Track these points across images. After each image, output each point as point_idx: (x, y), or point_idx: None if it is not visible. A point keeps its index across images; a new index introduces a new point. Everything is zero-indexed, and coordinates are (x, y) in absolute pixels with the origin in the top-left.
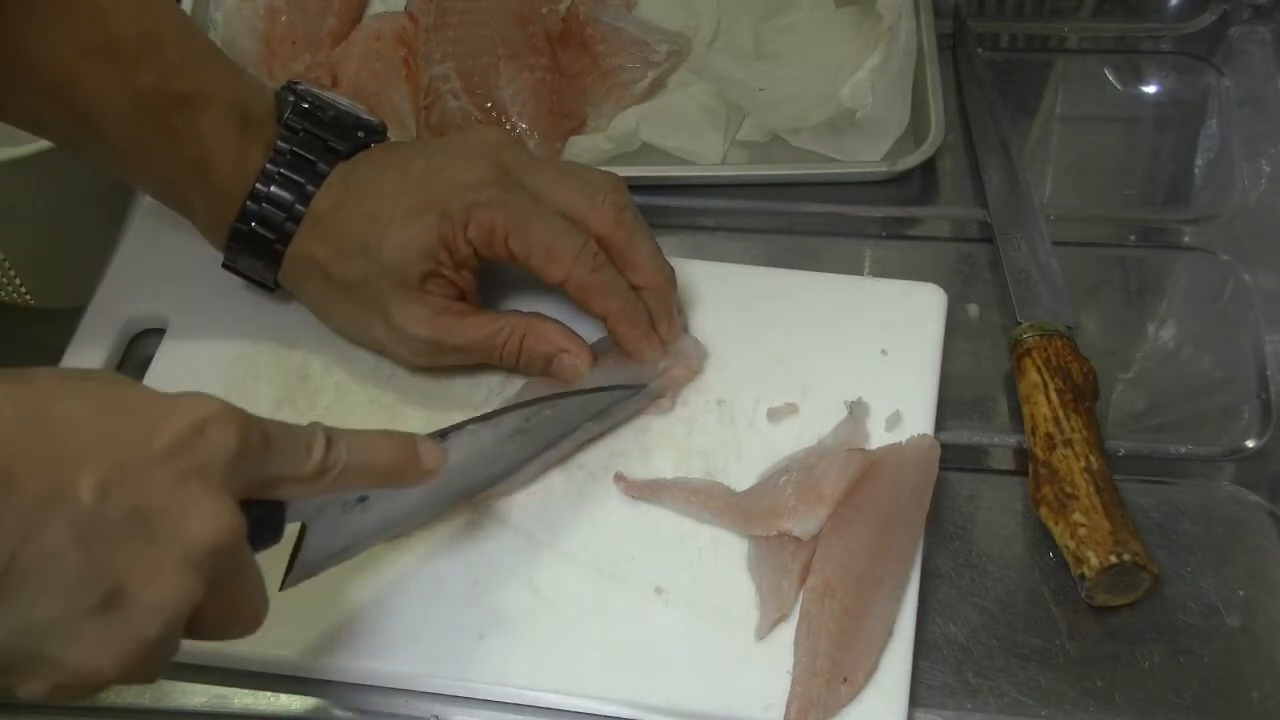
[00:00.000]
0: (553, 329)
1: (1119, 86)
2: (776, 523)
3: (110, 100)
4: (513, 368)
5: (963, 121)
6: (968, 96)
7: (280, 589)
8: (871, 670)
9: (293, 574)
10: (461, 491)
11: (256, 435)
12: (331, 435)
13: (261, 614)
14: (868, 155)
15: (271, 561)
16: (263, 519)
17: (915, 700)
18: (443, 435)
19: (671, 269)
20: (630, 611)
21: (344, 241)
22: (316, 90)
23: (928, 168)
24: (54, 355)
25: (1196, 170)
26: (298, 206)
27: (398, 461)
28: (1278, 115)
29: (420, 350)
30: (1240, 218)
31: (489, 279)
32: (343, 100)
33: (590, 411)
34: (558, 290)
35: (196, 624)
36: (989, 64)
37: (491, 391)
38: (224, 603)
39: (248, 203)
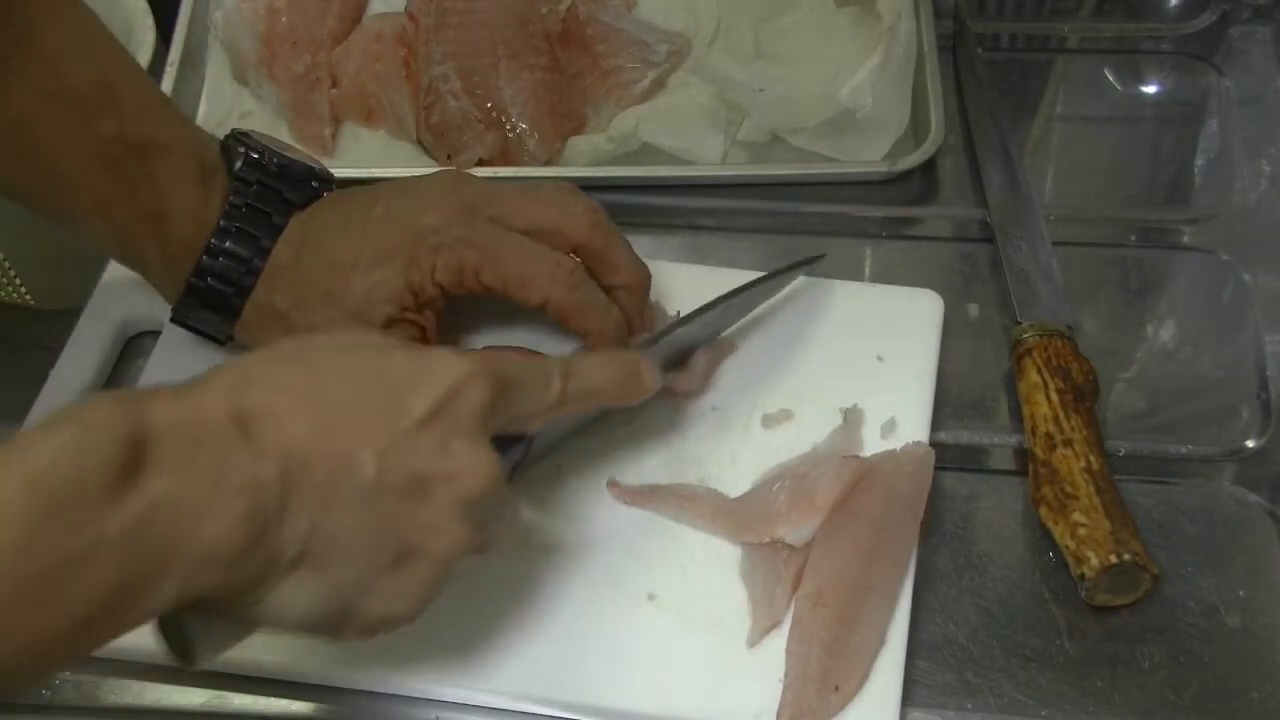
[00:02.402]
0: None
1: (1119, 86)
2: (769, 529)
3: (71, 148)
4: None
5: (963, 121)
6: (968, 96)
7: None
8: (863, 678)
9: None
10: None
11: (506, 384)
12: (567, 367)
13: (512, 534)
14: (868, 155)
15: None
16: (511, 448)
17: (915, 700)
18: (648, 344)
19: (647, 268)
20: (622, 618)
21: (305, 290)
22: (260, 138)
23: (928, 168)
24: (54, 355)
25: (1196, 170)
26: (255, 261)
27: (622, 383)
28: (1278, 115)
29: None
30: (1240, 218)
31: (456, 309)
32: (288, 149)
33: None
34: (526, 310)
35: (473, 550)
36: (989, 64)
37: None
38: (490, 531)
39: (204, 257)
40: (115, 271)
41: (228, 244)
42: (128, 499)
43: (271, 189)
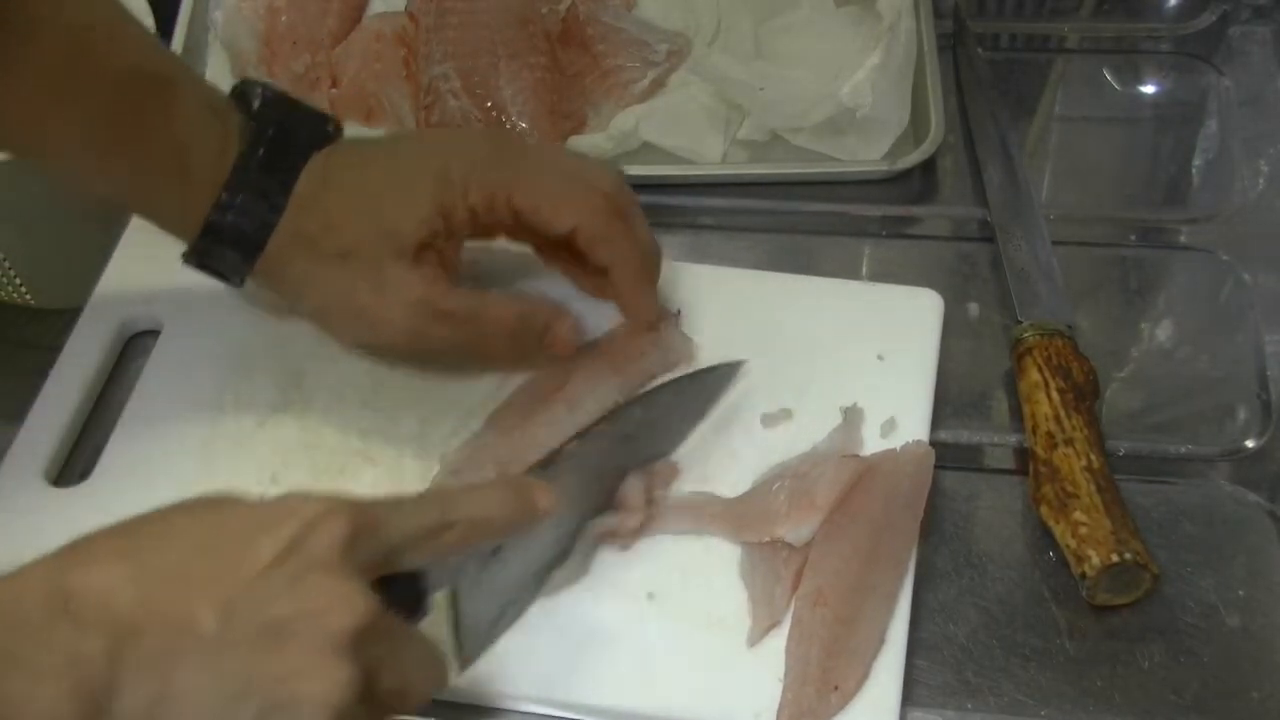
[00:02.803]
0: (544, 301)
1: (1118, 87)
2: (769, 529)
3: (93, 83)
4: (494, 352)
5: (963, 121)
6: (968, 96)
7: (461, 670)
8: (863, 678)
9: (464, 646)
10: (586, 514)
11: (369, 518)
12: (445, 496)
13: (438, 678)
14: (868, 154)
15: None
16: (404, 592)
17: (915, 700)
18: (544, 465)
19: (659, 246)
20: (622, 617)
21: (335, 213)
22: (271, 85)
23: (928, 167)
24: (54, 355)
25: (1196, 170)
26: (279, 198)
27: (511, 510)
28: (1278, 115)
29: (406, 320)
30: (1240, 217)
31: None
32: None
33: (685, 398)
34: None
35: (377, 703)
36: (989, 64)
37: (486, 395)
38: (393, 677)
39: (224, 194)
40: (115, 271)
41: (250, 178)
42: None
43: (291, 129)
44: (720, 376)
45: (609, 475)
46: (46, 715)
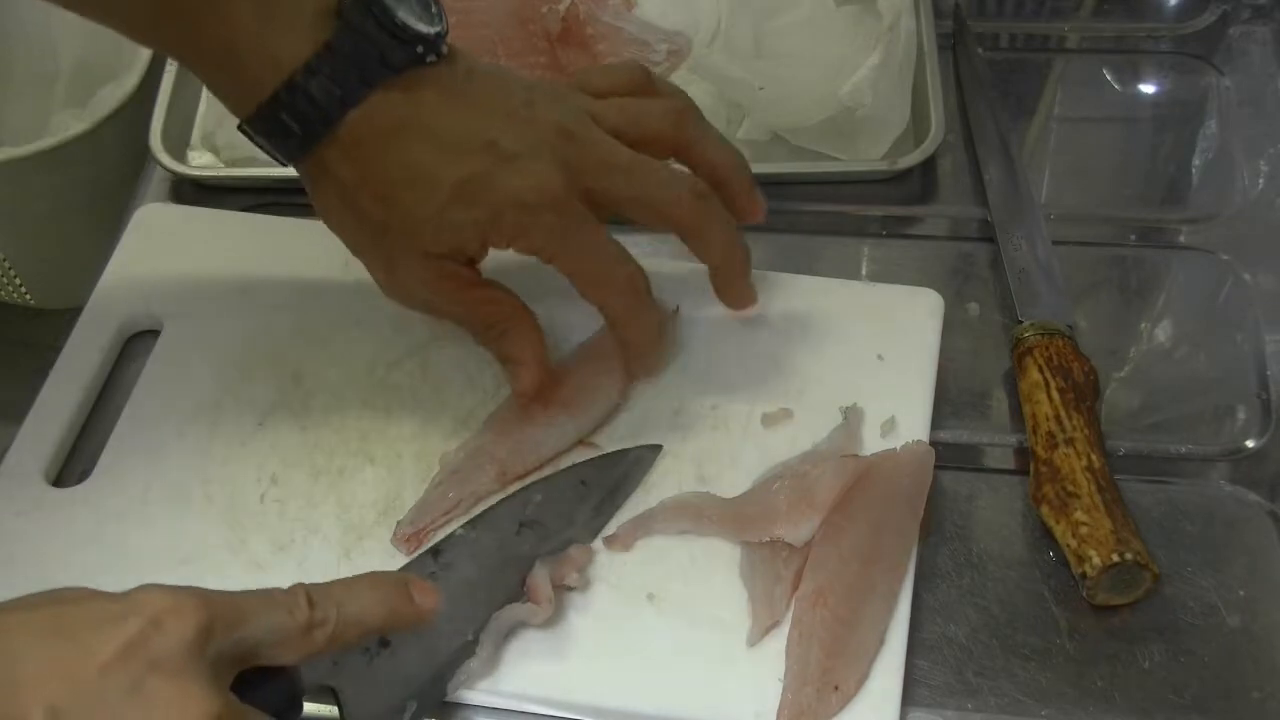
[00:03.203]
0: (531, 338)
1: (1118, 86)
2: (769, 529)
3: None
4: (482, 344)
5: (963, 121)
6: (968, 96)
7: None
8: (863, 678)
9: None
10: (492, 603)
11: (221, 611)
12: (312, 592)
13: None
14: (868, 154)
15: None
16: (274, 690)
17: (916, 700)
18: (436, 552)
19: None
20: (622, 617)
21: (375, 179)
22: None
23: (928, 167)
24: (54, 355)
25: (1196, 170)
26: (345, 104)
27: (389, 608)
28: (1278, 115)
29: (406, 301)
30: (1240, 218)
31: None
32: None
33: (581, 490)
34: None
35: None
36: (989, 64)
37: (486, 395)
38: None
39: (299, 72)
40: (115, 271)
41: (333, 66)
42: None
43: (375, 40)
44: (634, 461)
45: (513, 563)
46: None
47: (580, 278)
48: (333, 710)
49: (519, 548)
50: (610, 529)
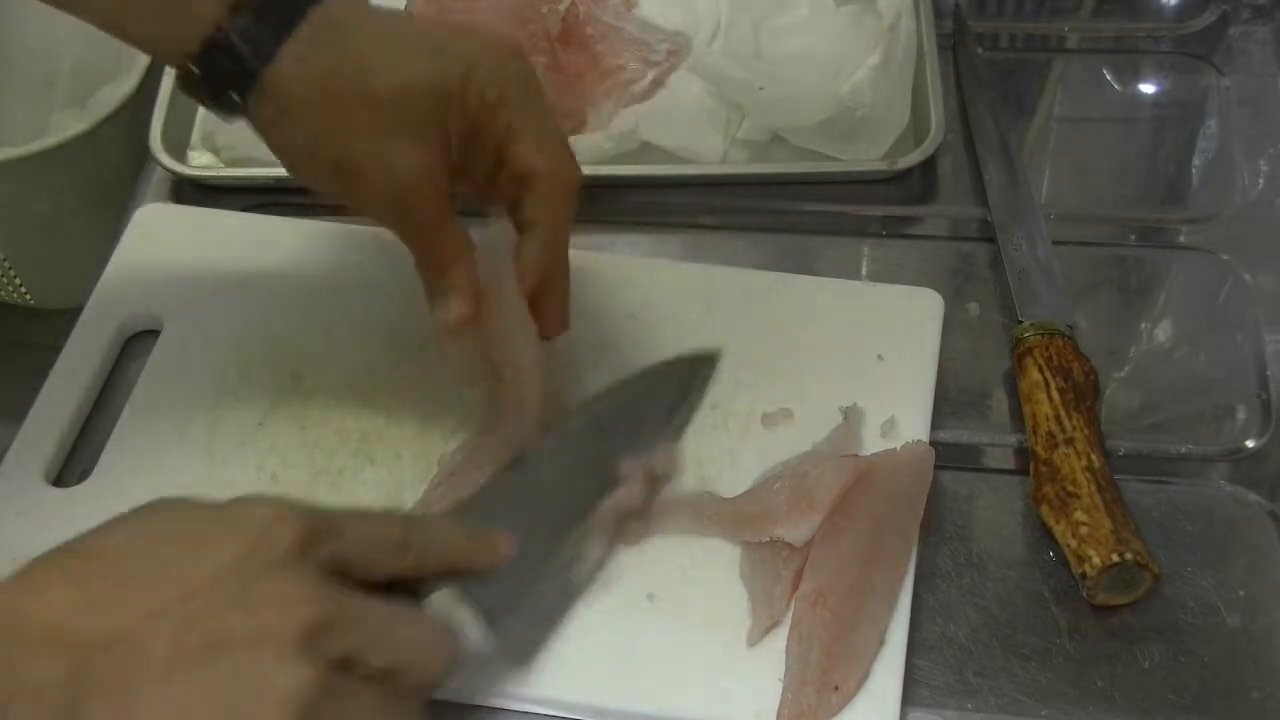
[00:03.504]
0: (473, 268)
1: (1118, 86)
2: (769, 529)
3: None
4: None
5: (963, 121)
6: (968, 96)
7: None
8: (863, 678)
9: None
10: (581, 508)
11: (321, 522)
12: (406, 519)
13: (442, 652)
14: (868, 154)
15: None
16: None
17: (916, 700)
18: (514, 465)
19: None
20: (622, 618)
21: (351, 57)
22: None
23: (928, 167)
24: (54, 355)
25: (1196, 170)
26: (285, 25)
27: (470, 545)
28: (1278, 115)
29: (377, 196)
30: (1240, 218)
31: None
32: None
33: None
34: None
35: (371, 689)
36: (989, 64)
37: (486, 394)
38: (382, 659)
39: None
40: (115, 271)
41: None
42: None
43: None
44: (693, 363)
45: (597, 465)
46: None
47: (536, 135)
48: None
49: (602, 450)
50: (692, 440)
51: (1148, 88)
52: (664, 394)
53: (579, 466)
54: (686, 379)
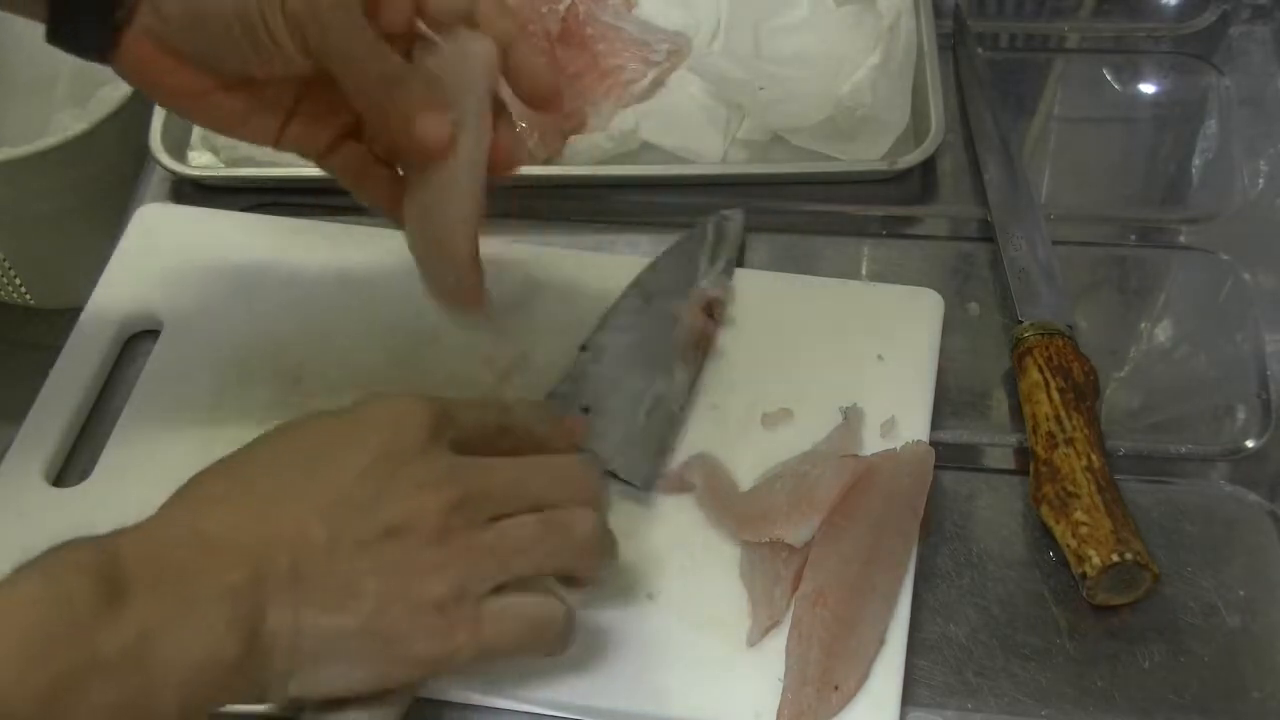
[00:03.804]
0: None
1: (1118, 86)
2: (769, 529)
3: None
4: (370, 117)
5: (963, 121)
6: (968, 96)
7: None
8: (863, 678)
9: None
10: (659, 356)
11: (440, 407)
12: (500, 405)
13: (585, 482)
14: (868, 154)
15: None
16: None
17: (916, 700)
18: (583, 348)
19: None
20: (622, 617)
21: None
22: None
23: (928, 167)
24: (54, 355)
25: (1195, 170)
26: None
27: (552, 433)
28: (1278, 115)
29: (302, 24)
30: (1240, 217)
31: None
32: None
33: None
34: None
35: (551, 525)
36: (989, 64)
37: (485, 394)
38: (536, 498)
39: None
40: (115, 271)
41: None
42: (114, 628)
43: None
44: (720, 219)
45: (658, 320)
46: (209, 645)
47: None
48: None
49: (661, 309)
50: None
51: (1148, 88)
52: (697, 250)
53: (642, 325)
54: (718, 232)
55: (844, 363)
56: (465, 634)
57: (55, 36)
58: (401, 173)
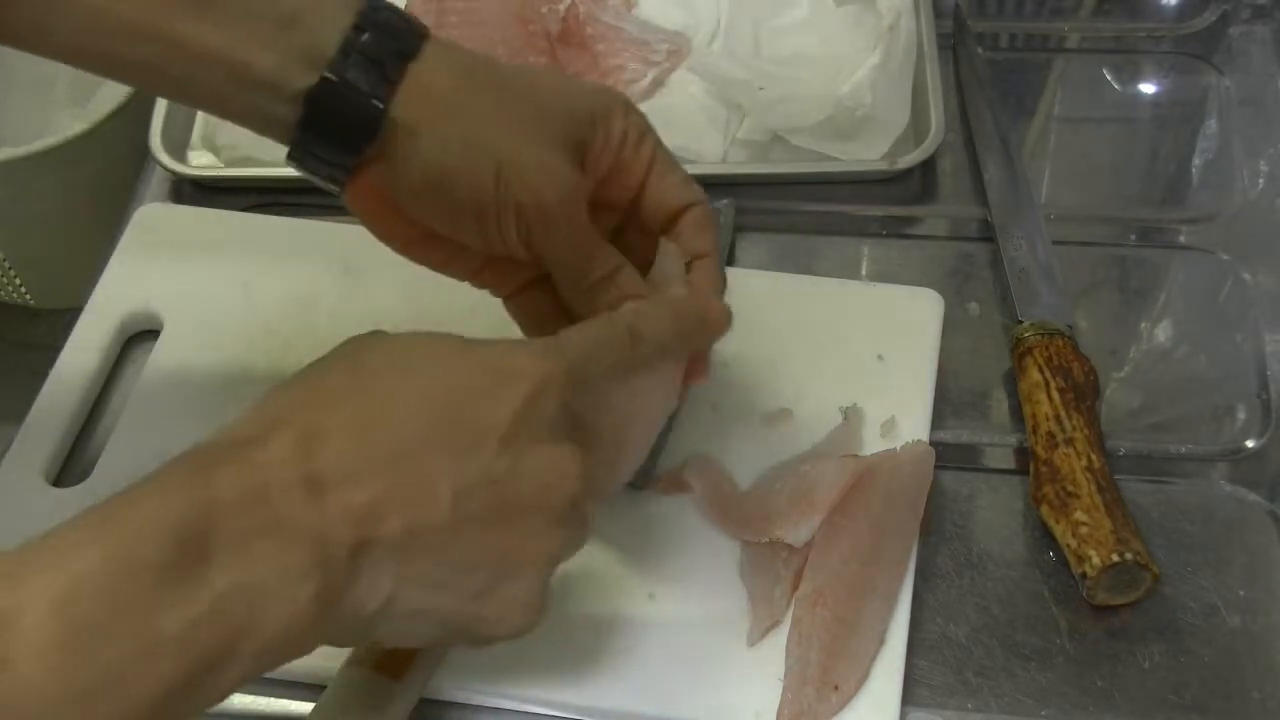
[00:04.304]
0: (638, 276)
1: (1118, 86)
2: (769, 529)
3: None
4: (575, 302)
5: (963, 121)
6: (968, 96)
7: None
8: (863, 678)
9: None
10: None
11: (580, 372)
12: (628, 325)
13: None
14: (868, 154)
15: None
16: None
17: (916, 700)
18: None
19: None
20: (622, 618)
21: (486, 63)
22: None
23: (928, 167)
24: (54, 355)
25: (1195, 170)
26: (405, 46)
27: (689, 330)
28: (1278, 115)
29: (540, 203)
30: (1240, 218)
31: None
32: None
33: None
34: None
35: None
36: (989, 64)
37: None
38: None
39: (338, 55)
40: (115, 271)
41: (382, 15)
42: (185, 603)
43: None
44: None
45: None
46: (288, 618)
47: (679, 172)
48: None
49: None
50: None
51: (1148, 88)
52: None
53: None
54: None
55: (844, 363)
56: (537, 617)
57: (292, 159)
58: None
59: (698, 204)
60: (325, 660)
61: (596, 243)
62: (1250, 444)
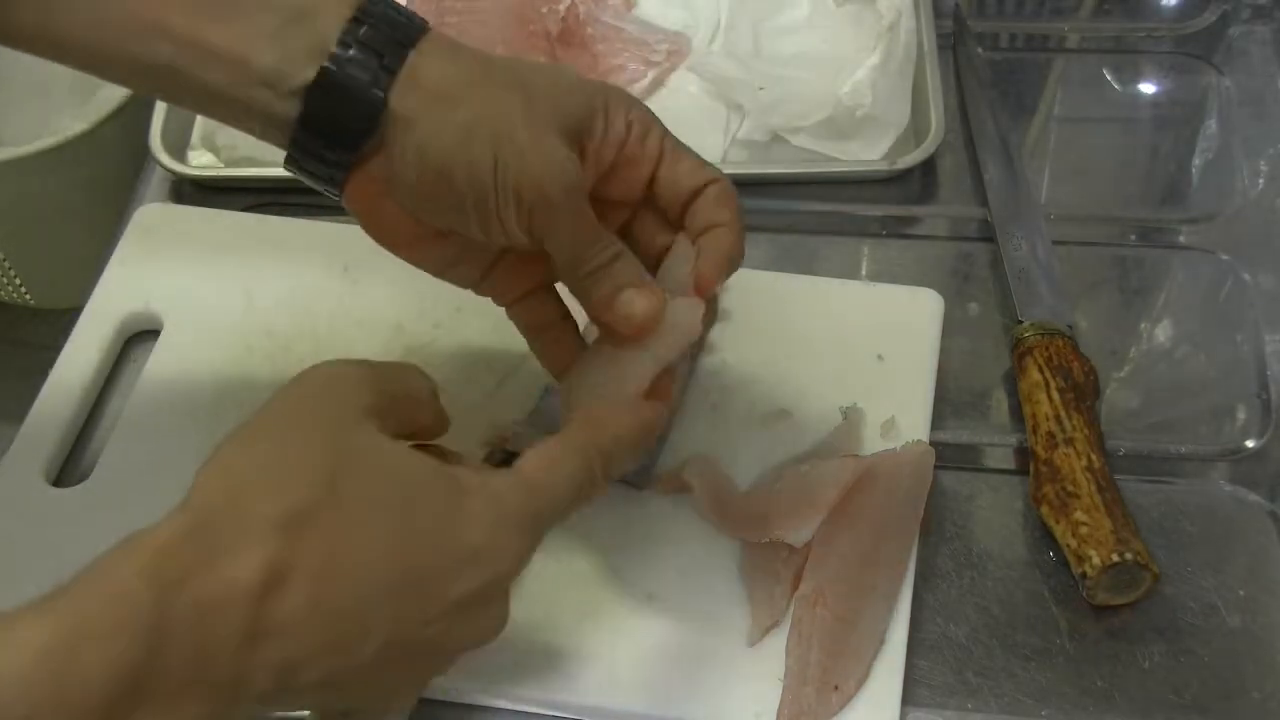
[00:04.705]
0: (638, 265)
1: (1118, 86)
2: (769, 529)
3: None
4: (574, 289)
5: (963, 120)
6: (968, 96)
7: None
8: (863, 678)
9: None
10: None
11: (554, 520)
12: (608, 452)
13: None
14: (868, 154)
15: None
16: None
17: (916, 700)
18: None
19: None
20: (622, 618)
21: (482, 60)
22: None
23: (928, 166)
24: (54, 355)
25: (1195, 170)
26: (392, 62)
27: (641, 437)
28: (1278, 115)
29: (540, 192)
30: (1239, 218)
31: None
32: None
33: None
34: None
35: None
36: (989, 64)
37: (485, 393)
38: None
39: (337, 48)
40: (115, 271)
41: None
42: None
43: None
44: None
45: None
46: None
47: (691, 155)
48: None
49: None
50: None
51: (1148, 88)
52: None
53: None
54: None
55: (844, 363)
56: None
57: (290, 161)
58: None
59: (717, 181)
60: None
61: (596, 229)
62: (1250, 444)
